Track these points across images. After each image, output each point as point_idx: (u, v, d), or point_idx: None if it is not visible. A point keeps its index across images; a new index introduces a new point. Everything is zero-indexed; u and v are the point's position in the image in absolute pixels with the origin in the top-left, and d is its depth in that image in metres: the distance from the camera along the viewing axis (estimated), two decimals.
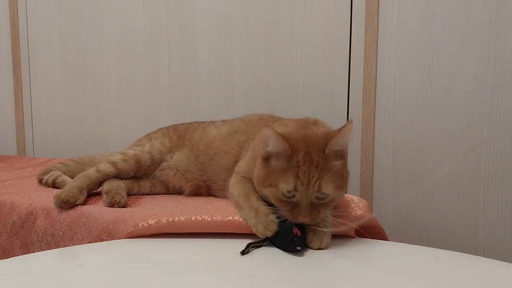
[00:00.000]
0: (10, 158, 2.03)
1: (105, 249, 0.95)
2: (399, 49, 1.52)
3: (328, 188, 0.89)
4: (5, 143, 2.21)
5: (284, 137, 0.91)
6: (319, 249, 0.91)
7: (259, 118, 1.30)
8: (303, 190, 0.88)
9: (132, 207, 1.17)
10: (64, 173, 1.39)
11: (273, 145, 0.91)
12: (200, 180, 1.28)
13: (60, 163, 1.48)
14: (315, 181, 0.88)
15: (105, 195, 1.17)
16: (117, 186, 1.22)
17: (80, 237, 1.08)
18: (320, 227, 0.92)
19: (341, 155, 0.93)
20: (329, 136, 0.92)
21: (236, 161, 1.19)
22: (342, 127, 0.91)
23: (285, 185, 0.89)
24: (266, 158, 0.94)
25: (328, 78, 1.62)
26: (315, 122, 1.09)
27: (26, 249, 1.17)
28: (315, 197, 0.89)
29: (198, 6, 1.79)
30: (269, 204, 0.95)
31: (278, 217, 0.92)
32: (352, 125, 0.92)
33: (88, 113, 2.04)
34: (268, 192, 0.93)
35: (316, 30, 1.63)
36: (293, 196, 0.89)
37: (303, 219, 0.89)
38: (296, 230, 0.88)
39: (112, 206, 1.14)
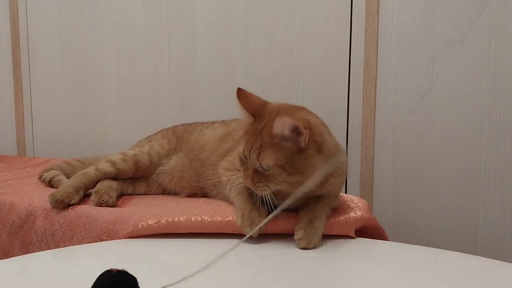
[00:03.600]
0: (10, 158, 2.03)
1: (105, 249, 0.95)
2: (399, 49, 1.52)
3: (265, 162, 0.90)
4: (5, 143, 2.21)
5: (255, 105, 0.97)
6: (306, 249, 0.90)
7: None
8: (250, 158, 0.92)
9: (131, 207, 1.17)
10: (68, 173, 1.39)
11: (240, 110, 0.97)
12: (196, 188, 1.26)
13: (65, 162, 1.48)
14: (255, 150, 0.91)
15: (93, 195, 1.17)
16: (108, 186, 1.21)
17: (80, 237, 1.08)
18: (311, 225, 0.92)
19: (289, 137, 0.89)
20: (284, 113, 0.93)
21: None
22: (282, 117, 0.88)
23: (242, 148, 0.95)
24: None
25: (328, 78, 1.62)
26: (303, 109, 1.05)
27: (26, 249, 1.17)
28: (260, 167, 0.91)
29: (198, 5, 1.79)
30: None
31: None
32: (288, 121, 0.87)
33: (88, 113, 2.04)
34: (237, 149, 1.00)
35: (316, 29, 1.63)
36: (246, 159, 0.94)
37: (246, 181, 0.94)
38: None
39: (100, 206, 1.14)
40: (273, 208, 0.93)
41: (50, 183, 1.36)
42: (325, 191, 0.99)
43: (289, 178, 0.91)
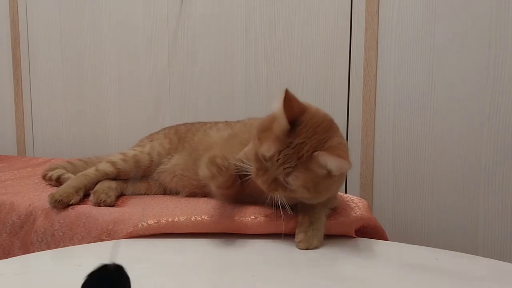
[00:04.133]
0: (10, 158, 2.03)
1: (104, 249, 0.95)
2: (399, 49, 1.52)
3: (294, 181, 0.88)
4: (5, 143, 2.21)
5: (296, 113, 0.90)
6: (307, 249, 0.91)
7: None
8: (274, 166, 0.88)
9: (131, 207, 1.17)
10: (71, 173, 1.38)
11: (276, 112, 0.89)
12: (197, 186, 1.25)
13: (67, 161, 1.48)
14: (287, 167, 0.88)
15: (92, 195, 1.18)
16: (107, 187, 1.22)
17: (80, 237, 1.08)
18: (312, 227, 0.92)
19: (330, 170, 0.89)
20: (331, 148, 0.89)
21: None
22: (342, 158, 0.86)
23: (266, 150, 0.89)
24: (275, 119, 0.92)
25: (328, 78, 1.62)
26: (337, 129, 1.02)
27: (26, 249, 1.17)
28: (285, 182, 0.89)
29: (198, 5, 1.79)
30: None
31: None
32: (348, 166, 0.88)
33: (88, 113, 2.04)
34: (255, 143, 0.93)
35: (316, 29, 1.63)
36: (267, 162, 0.90)
37: (261, 182, 0.91)
38: None
39: (99, 205, 1.14)
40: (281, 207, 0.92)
41: (58, 181, 1.35)
42: None
43: (307, 196, 0.91)
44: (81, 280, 0.61)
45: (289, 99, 0.89)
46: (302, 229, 0.93)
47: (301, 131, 0.89)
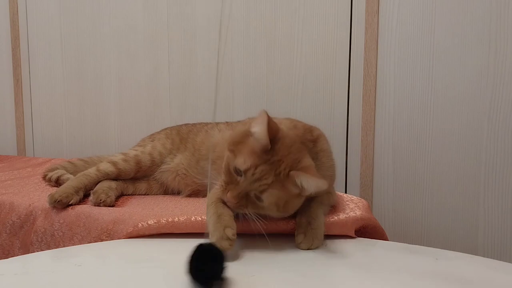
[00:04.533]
0: (10, 158, 2.03)
1: (104, 249, 0.95)
2: (399, 49, 1.52)
3: (268, 198, 0.87)
4: (5, 143, 2.21)
5: (274, 133, 0.88)
6: (309, 249, 0.91)
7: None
8: (249, 181, 0.86)
9: (131, 207, 1.17)
10: (72, 172, 1.39)
11: (258, 133, 0.88)
12: (200, 185, 1.26)
13: (68, 161, 1.48)
14: (264, 184, 0.86)
15: (92, 195, 1.18)
16: (107, 187, 1.22)
17: (80, 237, 1.08)
18: (310, 228, 0.92)
19: (304, 189, 0.89)
20: (306, 168, 0.89)
21: None
22: (317, 176, 0.87)
23: (241, 163, 0.87)
24: (250, 134, 0.91)
25: (328, 78, 1.62)
26: (316, 139, 1.03)
27: (26, 249, 1.17)
28: (253, 194, 0.88)
29: (198, 6, 1.79)
30: None
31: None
32: (325, 185, 0.87)
33: (88, 113, 2.04)
34: (226, 155, 0.91)
35: (316, 30, 1.63)
36: (239, 176, 0.87)
37: (230, 196, 0.87)
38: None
39: (98, 205, 1.14)
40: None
41: (58, 182, 1.35)
42: None
43: (275, 213, 0.90)
44: (81, 280, 0.61)
45: (269, 120, 0.87)
46: (301, 231, 0.93)
47: (279, 149, 0.88)
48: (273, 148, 0.88)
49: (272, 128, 0.88)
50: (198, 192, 1.27)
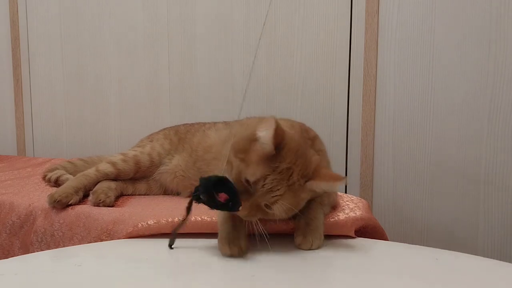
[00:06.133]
0: (10, 158, 2.03)
1: (104, 249, 0.95)
2: (399, 49, 1.52)
3: (279, 208, 0.85)
4: (5, 143, 2.21)
5: (280, 140, 0.86)
6: (309, 249, 0.90)
7: (258, 121, 1.26)
8: (260, 192, 0.84)
9: (131, 207, 1.17)
10: (72, 172, 1.39)
11: (264, 138, 0.85)
12: None
13: (68, 161, 1.48)
14: (275, 195, 0.84)
15: (91, 195, 1.18)
16: (106, 187, 1.22)
17: (80, 237, 1.08)
18: (309, 228, 0.92)
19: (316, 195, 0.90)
20: (319, 170, 0.88)
21: None
22: (334, 178, 0.87)
23: (251, 174, 0.84)
24: (256, 138, 0.87)
25: (328, 78, 1.62)
26: (313, 139, 1.03)
27: (26, 249, 1.17)
28: (268, 208, 0.86)
29: (198, 6, 1.79)
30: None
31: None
32: (344, 182, 0.88)
33: (88, 113, 2.04)
34: (236, 164, 0.86)
35: (316, 30, 1.63)
36: (250, 186, 0.85)
37: (241, 213, 0.85)
38: (222, 196, 0.82)
39: (98, 205, 1.15)
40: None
41: (57, 183, 1.35)
42: None
43: (283, 217, 0.89)
44: (81, 280, 0.61)
45: (277, 126, 0.84)
46: (300, 232, 0.92)
47: (286, 155, 0.85)
48: (279, 154, 0.85)
49: (279, 134, 0.85)
50: None
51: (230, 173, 0.87)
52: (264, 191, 0.84)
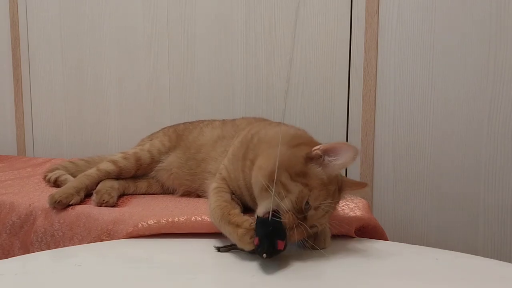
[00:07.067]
0: (10, 158, 2.03)
1: (104, 249, 0.95)
2: (399, 49, 1.52)
3: (323, 225, 0.87)
4: (5, 143, 2.21)
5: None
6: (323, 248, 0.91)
7: (248, 123, 1.24)
8: (317, 216, 0.85)
9: (131, 207, 1.17)
10: (73, 172, 1.39)
11: (343, 160, 0.85)
12: (191, 187, 1.25)
13: (69, 161, 1.48)
14: (327, 217, 0.88)
15: (95, 195, 1.17)
16: (110, 186, 1.22)
17: (80, 237, 1.08)
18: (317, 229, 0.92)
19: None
20: (348, 183, 0.93)
21: None
22: (362, 185, 0.94)
23: (314, 200, 0.84)
24: (311, 158, 0.86)
25: (328, 78, 1.62)
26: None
27: (26, 249, 1.17)
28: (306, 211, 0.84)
29: (198, 6, 1.79)
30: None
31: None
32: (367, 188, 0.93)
33: (88, 113, 2.04)
34: (298, 188, 0.83)
35: (316, 30, 1.63)
36: (307, 207, 0.84)
37: (298, 232, 0.83)
38: (280, 244, 0.80)
39: (100, 206, 1.14)
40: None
41: (56, 183, 1.35)
42: None
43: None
44: (81, 280, 0.61)
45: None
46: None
47: (334, 177, 0.88)
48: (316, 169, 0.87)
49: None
50: (189, 194, 1.26)
51: (285, 196, 0.83)
52: (319, 214, 0.85)
